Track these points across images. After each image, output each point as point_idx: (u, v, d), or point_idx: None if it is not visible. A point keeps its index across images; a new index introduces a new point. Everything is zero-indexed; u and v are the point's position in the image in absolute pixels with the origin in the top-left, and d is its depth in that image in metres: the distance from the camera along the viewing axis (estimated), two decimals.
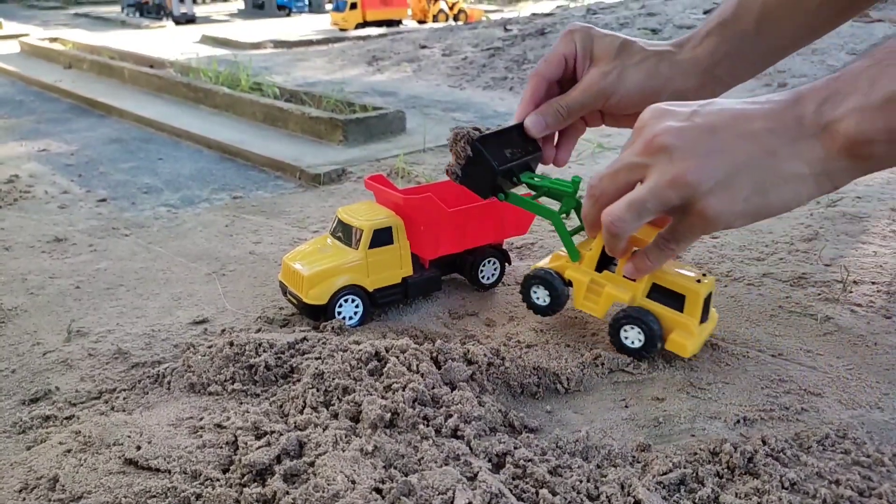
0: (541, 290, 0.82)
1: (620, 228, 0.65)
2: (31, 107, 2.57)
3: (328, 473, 0.54)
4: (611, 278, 0.78)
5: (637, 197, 0.63)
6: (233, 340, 0.76)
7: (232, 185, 1.57)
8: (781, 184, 0.59)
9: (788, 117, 0.59)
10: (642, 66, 0.77)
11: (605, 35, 0.78)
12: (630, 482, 0.56)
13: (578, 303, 0.80)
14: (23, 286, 1.03)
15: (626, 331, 0.77)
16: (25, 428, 0.69)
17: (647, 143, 0.62)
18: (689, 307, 0.74)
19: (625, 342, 0.77)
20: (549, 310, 0.83)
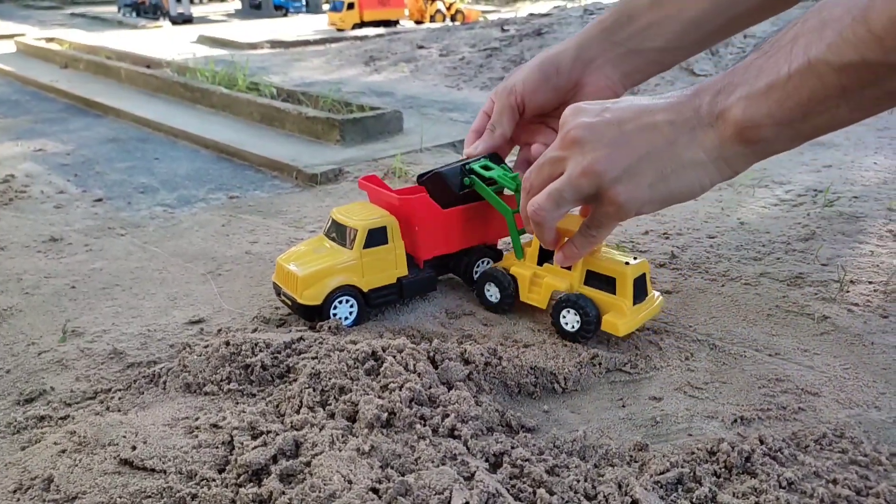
0: (492, 287, 0.89)
1: (542, 217, 0.70)
2: (28, 107, 2.56)
3: (324, 473, 0.54)
4: (550, 270, 0.85)
5: (555, 187, 0.68)
6: (229, 340, 0.76)
7: (228, 185, 1.56)
8: (681, 170, 0.63)
9: (687, 109, 0.63)
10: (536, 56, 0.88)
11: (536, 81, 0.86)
12: (627, 482, 0.56)
13: (523, 296, 0.87)
14: (18, 286, 1.03)
15: (564, 315, 0.81)
16: (20, 428, 0.68)
17: (563, 138, 0.68)
18: (620, 289, 0.79)
19: (565, 326, 0.81)
20: (500, 306, 0.89)
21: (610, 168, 0.64)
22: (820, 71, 0.53)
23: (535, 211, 0.71)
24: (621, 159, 0.64)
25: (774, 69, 0.56)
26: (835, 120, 0.56)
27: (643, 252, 1.10)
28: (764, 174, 1.49)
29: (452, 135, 1.90)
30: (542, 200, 0.70)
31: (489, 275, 0.89)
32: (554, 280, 0.83)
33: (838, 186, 1.38)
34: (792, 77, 0.55)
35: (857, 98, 0.53)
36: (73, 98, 2.63)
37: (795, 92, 0.55)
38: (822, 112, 0.55)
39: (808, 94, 0.54)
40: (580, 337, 0.80)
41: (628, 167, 0.64)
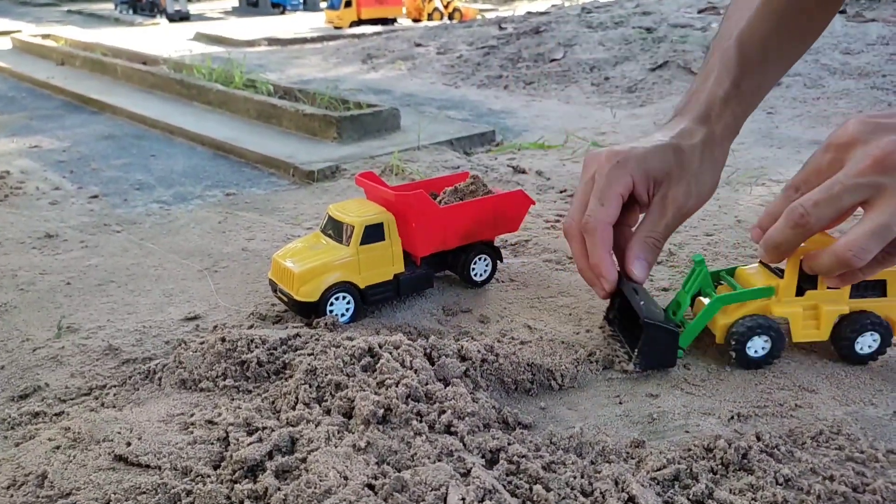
0: (758, 340, 0.73)
1: (863, 259, 0.62)
2: (23, 103, 2.55)
3: (320, 469, 0.54)
4: (818, 296, 0.73)
5: (881, 222, 0.60)
6: (224, 336, 0.76)
7: (225, 182, 1.56)
8: None
9: None
10: (705, 168, 0.77)
11: (652, 152, 0.76)
12: (624, 478, 0.56)
13: (798, 336, 0.74)
14: (13, 282, 1.02)
15: (858, 340, 0.74)
16: (14, 424, 0.68)
17: (879, 161, 0.59)
18: (892, 286, 0.73)
19: (859, 351, 0.74)
20: (767, 360, 0.75)
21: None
22: None
23: (854, 255, 0.61)
24: None
25: None
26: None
27: None
28: (761, 172, 1.49)
29: (449, 132, 1.90)
30: (865, 241, 0.61)
31: (751, 327, 0.73)
32: (834, 305, 0.73)
33: None
34: None
35: None
36: (70, 95, 2.62)
37: None
38: None
39: None
40: (876, 356, 0.74)
41: None
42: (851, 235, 0.62)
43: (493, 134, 1.92)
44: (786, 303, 0.73)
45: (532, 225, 1.20)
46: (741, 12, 0.80)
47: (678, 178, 0.76)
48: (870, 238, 0.61)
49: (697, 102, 0.80)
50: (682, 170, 0.76)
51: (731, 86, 0.78)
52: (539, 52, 3.13)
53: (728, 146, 0.80)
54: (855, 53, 2.63)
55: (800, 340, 0.75)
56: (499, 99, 2.57)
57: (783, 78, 2.47)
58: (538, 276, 1.01)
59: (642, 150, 0.76)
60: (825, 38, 2.84)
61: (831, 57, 2.63)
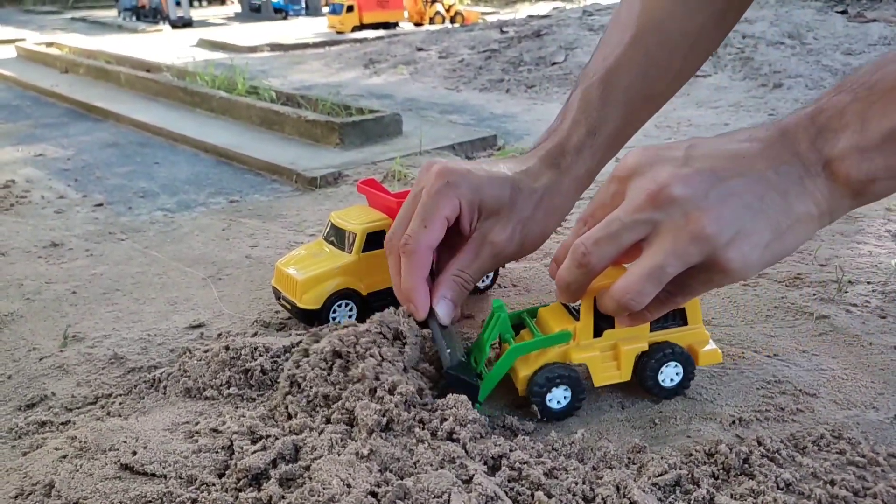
0: (558, 391, 0.68)
1: (640, 303, 0.58)
2: (28, 112, 2.57)
3: (324, 477, 0.54)
4: (616, 335, 0.69)
5: (655, 264, 0.56)
6: (228, 345, 0.76)
7: (228, 189, 1.57)
8: (795, 225, 0.56)
9: (785, 154, 0.56)
10: (538, 217, 0.72)
11: (488, 182, 0.71)
12: (625, 484, 0.56)
13: (599, 380, 0.69)
14: (19, 291, 1.03)
15: (662, 372, 0.70)
16: (21, 434, 0.69)
17: (653, 196, 0.55)
18: (692, 314, 0.70)
19: (663, 384, 0.70)
20: (570, 410, 0.69)
21: (722, 230, 0.54)
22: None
23: (632, 298, 0.57)
24: (733, 218, 0.54)
25: (885, 118, 0.51)
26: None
27: None
28: None
29: (452, 137, 1.90)
30: (641, 284, 0.56)
31: (550, 378, 0.67)
32: (633, 344, 0.69)
33: None
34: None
35: None
36: (73, 103, 2.64)
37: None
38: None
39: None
40: (681, 389, 0.71)
41: (742, 227, 0.54)
42: (628, 278, 0.57)
43: (494, 138, 1.93)
44: (583, 347, 0.68)
45: None
46: (611, 46, 0.74)
47: (506, 219, 0.70)
48: (645, 281, 0.56)
49: (550, 143, 0.74)
50: (512, 211, 0.70)
51: (587, 134, 0.72)
52: (540, 56, 3.14)
53: (575, 198, 0.75)
54: (856, 54, 2.64)
55: (601, 384, 0.70)
56: (500, 103, 2.58)
57: (784, 79, 2.47)
58: (540, 281, 1.01)
59: (478, 176, 0.70)
60: (826, 38, 2.84)
61: (832, 58, 2.63)
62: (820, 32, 2.91)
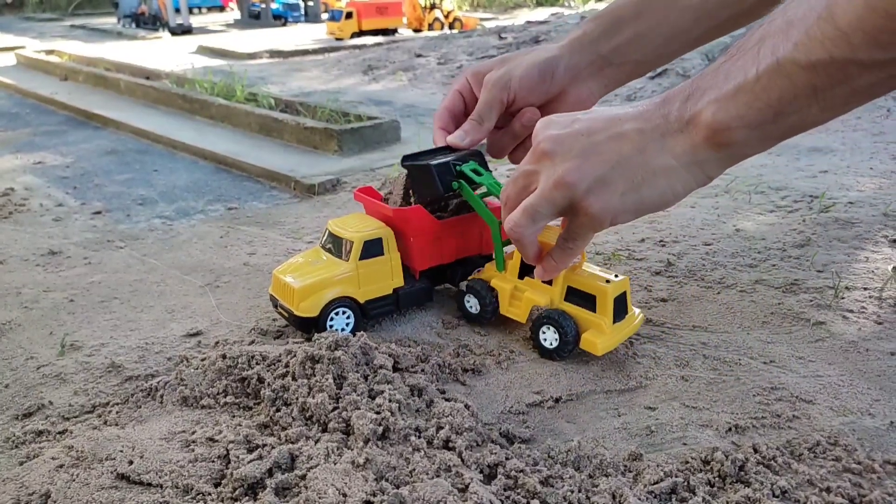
0: (472, 298, 0.88)
1: (519, 233, 0.70)
2: (27, 119, 2.57)
3: (319, 486, 0.54)
4: (531, 284, 0.83)
5: (529, 202, 0.68)
6: (226, 353, 0.76)
7: (227, 197, 1.57)
8: (652, 178, 0.63)
9: (655, 116, 0.63)
10: (528, 53, 0.84)
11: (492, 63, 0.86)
12: (621, 492, 0.57)
13: (503, 309, 0.86)
14: (17, 300, 1.03)
15: (543, 332, 0.80)
16: (18, 443, 0.69)
17: (535, 151, 0.68)
18: (601, 307, 0.78)
19: (543, 343, 0.81)
20: (480, 317, 0.88)
21: (581, 179, 0.64)
22: (788, 71, 0.53)
23: (512, 228, 0.70)
24: (592, 169, 0.64)
25: (742, 71, 0.56)
26: (805, 120, 0.56)
27: (639, 260, 1.10)
28: (760, 180, 1.49)
29: None
30: (518, 217, 0.69)
31: (469, 286, 0.88)
32: (534, 294, 0.83)
33: (834, 192, 1.38)
34: (760, 78, 0.55)
35: (828, 97, 0.53)
36: (73, 110, 2.64)
37: (764, 93, 0.55)
38: (793, 112, 0.55)
39: (778, 94, 0.54)
40: (557, 355, 0.80)
41: (599, 177, 0.64)
42: (512, 213, 0.70)
43: None
44: (504, 279, 0.86)
45: None
46: None
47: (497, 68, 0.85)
48: (521, 214, 0.69)
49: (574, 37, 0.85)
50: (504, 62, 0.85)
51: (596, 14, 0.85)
52: None
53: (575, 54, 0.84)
54: None
55: (505, 314, 0.86)
56: None
57: None
58: None
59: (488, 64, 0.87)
60: None
61: None
62: None
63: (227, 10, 9.50)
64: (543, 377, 0.78)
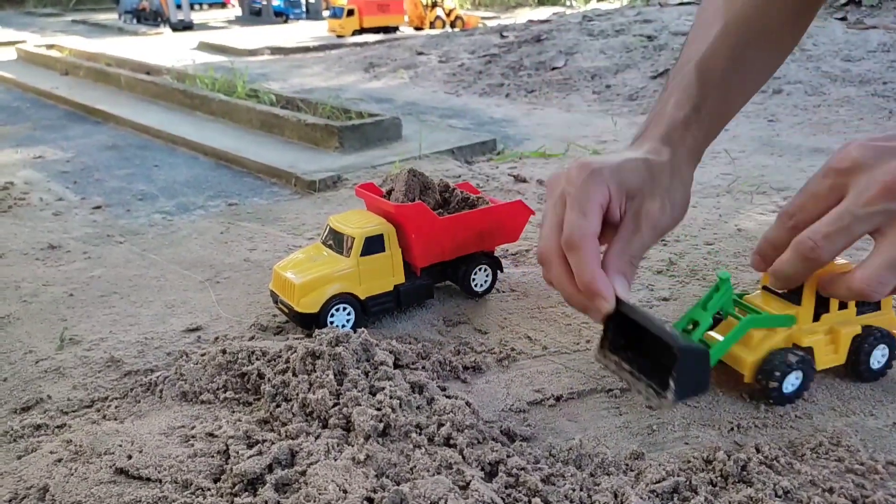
0: (793, 374, 0.70)
1: (881, 293, 0.60)
2: (28, 114, 2.57)
3: (319, 483, 0.54)
4: (832, 319, 0.73)
5: (844, 212, 0.58)
6: (225, 348, 0.76)
7: (227, 192, 1.57)
8: None
9: None
10: (675, 185, 0.72)
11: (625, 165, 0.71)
12: (623, 491, 0.56)
13: (822, 362, 0.73)
14: (16, 294, 1.03)
15: (874, 354, 0.73)
16: (17, 437, 0.68)
17: (888, 188, 0.57)
18: (884, 301, 0.71)
19: (874, 366, 0.73)
20: (797, 394, 0.71)
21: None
22: None
23: (874, 290, 0.59)
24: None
25: None
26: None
27: None
28: (761, 181, 1.49)
29: (451, 141, 1.90)
30: (883, 275, 0.59)
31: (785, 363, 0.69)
32: (848, 327, 0.73)
33: None
34: None
35: None
36: (73, 105, 2.64)
37: None
38: None
39: None
40: (885, 371, 0.74)
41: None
42: (868, 269, 0.59)
43: (494, 143, 1.93)
44: (807, 331, 0.72)
45: (532, 235, 1.20)
46: (700, 42, 0.77)
47: (651, 194, 0.70)
48: (887, 270, 0.58)
49: (659, 125, 0.75)
50: (654, 185, 0.71)
51: (692, 110, 0.74)
52: (540, 61, 3.14)
53: (692, 170, 0.75)
54: (856, 61, 2.64)
55: (823, 367, 0.73)
56: (500, 107, 2.58)
57: (783, 85, 2.48)
58: (538, 286, 1.01)
59: (615, 162, 0.71)
60: (826, 45, 2.84)
61: (832, 64, 2.63)
62: (819, 39, 2.91)
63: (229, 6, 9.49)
64: (545, 376, 0.77)
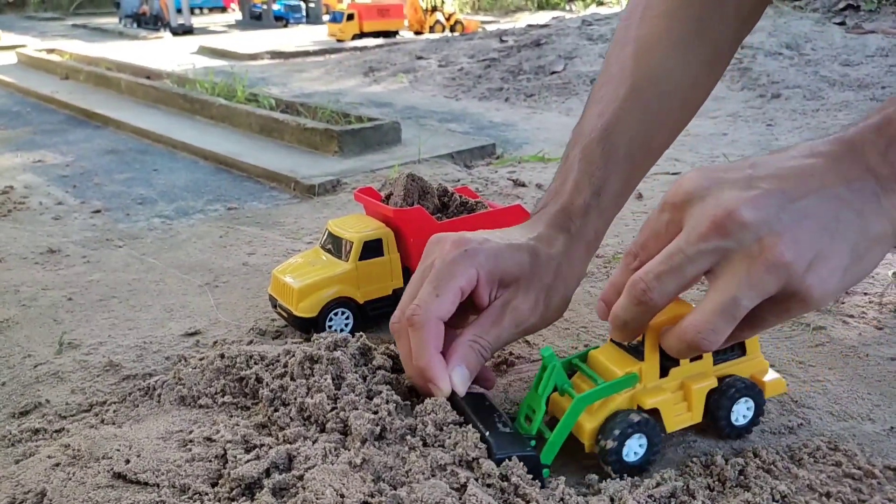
0: (634, 441, 0.60)
1: (714, 342, 0.53)
2: (28, 118, 2.57)
3: (317, 487, 0.54)
4: (683, 373, 0.63)
5: (729, 297, 0.50)
6: (224, 353, 0.76)
7: (227, 197, 1.57)
8: (873, 246, 0.51)
9: (857, 171, 0.51)
10: (558, 285, 0.67)
11: (506, 251, 0.65)
12: (621, 495, 0.56)
13: (672, 423, 0.63)
14: (15, 298, 1.03)
15: (734, 410, 0.64)
16: (14, 441, 0.68)
17: (719, 223, 0.50)
18: (750, 344, 0.65)
19: (736, 423, 0.64)
20: (643, 463, 0.61)
21: (800, 255, 0.49)
22: None
23: (703, 338, 0.52)
24: (812, 242, 0.49)
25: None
26: None
27: None
28: None
29: (450, 146, 1.91)
30: (712, 322, 0.51)
31: (627, 426, 0.59)
32: (702, 382, 0.63)
33: None
34: None
35: None
36: (73, 109, 2.64)
37: None
38: None
39: None
40: (751, 427, 0.66)
41: (820, 252, 0.49)
42: (698, 315, 0.53)
43: (493, 147, 1.93)
44: (652, 390, 0.61)
45: None
46: (605, 102, 0.71)
47: (527, 288, 0.65)
48: (718, 318, 0.51)
49: (555, 206, 0.70)
50: (533, 279, 0.65)
51: (592, 195, 0.68)
52: (540, 65, 3.15)
53: (587, 261, 0.71)
54: (854, 65, 2.64)
55: (674, 429, 0.63)
56: (500, 111, 2.58)
57: (782, 90, 2.48)
58: None
59: (496, 245, 0.65)
60: (824, 49, 2.85)
61: (830, 69, 2.64)
62: (818, 43, 2.92)
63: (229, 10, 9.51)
64: None
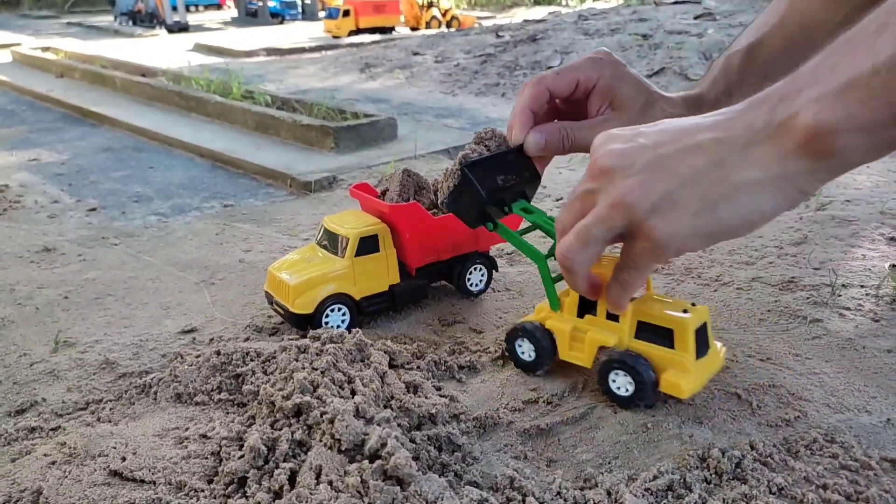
0: (525, 343, 0.75)
1: (571, 260, 0.60)
2: (23, 116, 2.56)
3: (312, 482, 0.54)
4: (594, 322, 0.71)
5: (583, 225, 0.58)
6: (219, 350, 0.76)
7: (223, 194, 1.56)
8: (733, 195, 0.53)
9: (737, 124, 0.53)
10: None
11: (632, 80, 0.73)
12: (617, 489, 0.56)
13: (563, 353, 0.73)
14: (11, 296, 1.02)
15: (613, 378, 0.70)
16: (11, 440, 0.68)
17: (592, 169, 0.59)
18: (680, 342, 0.67)
19: (616, 391, 0.70)
20: (536, 365, 0.75)
21: (644, 197, 0.54)
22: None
23: (562, 255, 0.61)
24: (658, 186, 0.54)
25: (853, 65, 0.47)
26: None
27: None
28: None
29: (447, 141, 1.90)
30: (570, 241, 0.59)
31: (520, 329, 0.75)
32: (599, 334, 0.70)
33: (831, 190, 1.38)
34: (879, 72, 0.46)
35: None
36: (69, 107, 2.63)
37: (884, 89, 0.46)
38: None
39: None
40: (637, 402, 0.69)
41: (666, 194, 0.54)
42: (563, 238, 0.61)
43: None
44: (561, 319, 0.73)
45: (528, 236, 1.20)
46: (757, 26, 0.79)
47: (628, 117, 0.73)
48: (574, 238, 0.59)
49: (694, 91, 0.78)
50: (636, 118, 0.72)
51: (724, 93, 0.76)
52: (536, 60, 3.14)
53: None
54: None
55: (565, 358, 0.73)
56: (496, 107, 2.58)
57: None
58: (534, 285, 1.01)
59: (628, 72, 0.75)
60: None
61: None
62: None
63: (224, 7, 9.48)
64: (540, 375, 0.77)
